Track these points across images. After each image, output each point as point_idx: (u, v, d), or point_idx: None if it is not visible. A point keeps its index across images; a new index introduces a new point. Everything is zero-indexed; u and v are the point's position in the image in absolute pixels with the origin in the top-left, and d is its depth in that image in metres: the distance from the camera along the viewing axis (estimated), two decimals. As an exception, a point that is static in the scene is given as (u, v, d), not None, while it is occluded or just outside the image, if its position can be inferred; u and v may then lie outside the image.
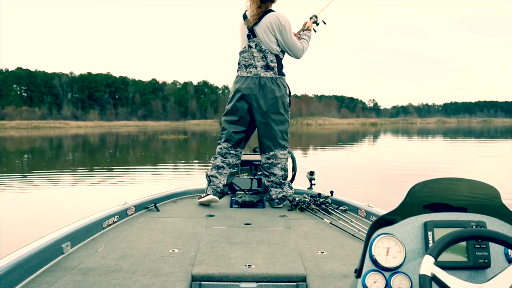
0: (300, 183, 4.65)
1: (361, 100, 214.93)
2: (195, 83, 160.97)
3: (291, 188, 4.22)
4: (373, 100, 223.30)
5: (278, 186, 4.09)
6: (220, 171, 4.11)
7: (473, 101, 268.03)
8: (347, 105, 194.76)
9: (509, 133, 45.27)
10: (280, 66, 4.06)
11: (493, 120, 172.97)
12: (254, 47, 3.99)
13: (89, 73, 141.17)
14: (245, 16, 4.06)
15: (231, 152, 4.11)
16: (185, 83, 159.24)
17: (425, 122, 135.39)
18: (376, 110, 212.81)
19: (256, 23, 3.97)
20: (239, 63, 4.07)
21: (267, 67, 3.99)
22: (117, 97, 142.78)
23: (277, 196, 4.08)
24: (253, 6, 3.97)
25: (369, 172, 12.34)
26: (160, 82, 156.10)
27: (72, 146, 27.71)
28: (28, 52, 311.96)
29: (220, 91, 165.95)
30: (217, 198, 4.05)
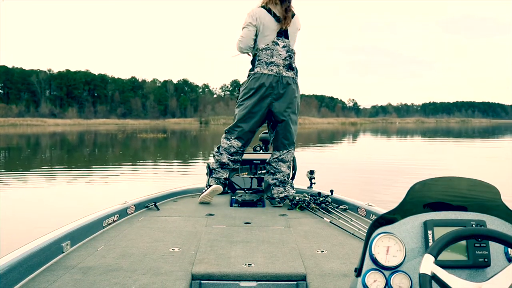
0: (300, 182, 4.65)
1: (341, 100, 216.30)
2: (175, 81, 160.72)
3: (293, 188, 4.23)
4: (353, 99, 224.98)
5: (281, 184, 4.09)
6: (224, 167, 4.10)
7: (451, 102, 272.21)
8: (327, 105, 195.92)
9: (486, 133, 45.91)
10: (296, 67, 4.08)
11: (471, 120, 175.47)
12: (281, 46, 3.94)
13: (68, 70, 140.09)
14: (269, 10, 3.94)
15: (239, 151, 4.08)
16: (165, 81, 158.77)
17: (404, 122, 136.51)
18: (355, 109, 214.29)
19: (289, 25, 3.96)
20: (259, 59, 3.94)
21: (289, 67, 3.97)
22: (96, 95, 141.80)
23: (278, 196, 4.08)
24: (281, 6, 3.93)
25: (350, 171, 12.39)
26: (140, 80, 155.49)
27: (49, 144, 27.41)
28: (5, 49, 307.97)
29: (200, 90, 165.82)
30: (220, 187, 4.02)
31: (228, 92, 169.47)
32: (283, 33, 3.95)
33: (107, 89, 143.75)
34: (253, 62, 4.01)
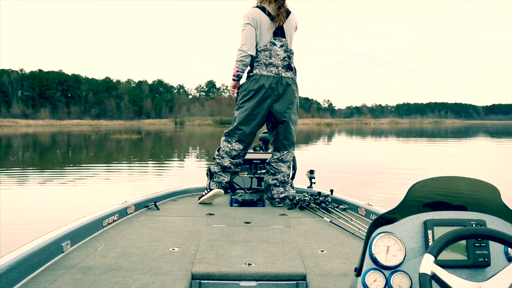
0: (300, 182, 4.65)
1: (316, 101, 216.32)
2: (150, 82, 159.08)
3: (293, 188, 4.23)
4: (328, 100, 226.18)
5: (281, 184, 4.08)
6: (226, 170, 4.07)
7: (424, 102, 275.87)
8: (302, 105, 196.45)
9: (459, 133, 46.57)
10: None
11: (444, 121, 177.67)
12: (278, 46, 3.90)
13: (40, 71, 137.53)
14: (263, 10, 3.90)
15: (241, 154, 4.05)
16: (140, 82, 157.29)
17: (379, 123, 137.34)
18: (331, 110, 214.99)
19: (283, 22, 3.92)
20: (257, 60, 3.89)
21: (288, 68, 3.95)
22: (69, 95, 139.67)
23: (278, 196, 4.08)
24: (275, 4, 3.90)
25: (326, 171, 12.44)
26: (114, 80, 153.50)
27: (21, 145, 26.97)
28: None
29: (175, 91, 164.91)
30: (222, 191, 4.03)
31: (203, 93, 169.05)
32: (279, 32, 3.91)
33: (80, 90, 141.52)
34: (250, 64, 3.97)
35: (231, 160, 4.02)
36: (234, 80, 4.04)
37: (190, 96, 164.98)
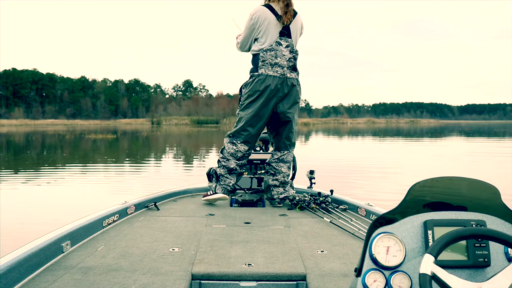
0: (300, 182, 4.65)
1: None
2: (126, 81, 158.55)
3: (293, 188, 4.21)
4: (305, 100, 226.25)
5: (281, 185, 4.07)
6: (232, 172, 4.01)
7: (400, 102, 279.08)
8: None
9: (436, 132, 47.05)
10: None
11: (420, 120, 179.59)
12: (284, 46, 3.87)
13: (14, 69, 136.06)
14: (271, 8, 3.87)
15: (246, 155, 4.00)
16: (116, 81, 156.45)
17: (356, 122, 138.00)
18: (308, 110, 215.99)
19: (290, 22, 3.89)
20: (263, 60, 3.84)
21: (293, 68, 3.93)
22: (44, 94, 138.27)
23: (278, 196, 4.07)
24: (282, 2, 3.87)
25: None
26: (90, 79, 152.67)
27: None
28: None
29: (152, 90, 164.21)
30: (227, 196, 3.99)
31: (180, 92, 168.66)
32: (285, 32, 3.88)
33: (55, 89, 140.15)
34: (255, 62, 3.93)
35: (236, 161, 3.97)
36: None
37: (167, 96, 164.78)
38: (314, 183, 4.52)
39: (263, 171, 4.66)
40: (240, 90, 4.10)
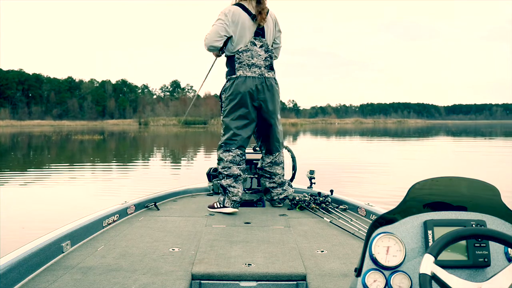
0: (300, 182, 4.65)
1: (281, 101, 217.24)
2: (113, 81, 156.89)
3: (291, 186, 4.19)
4: (293, 100, 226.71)
5: (279, 186, 4.06)
6: (237, 179, 3.86)
7: (387, 102, 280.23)
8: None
9: (423, 132, 47.31)
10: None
11: (407, 120, 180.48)
12: (258, 46, 3.81)
13: (0, 70, 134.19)
14: (244, 8, 3.76)
15: (243, 158, 3.92)
16: (103, 82, 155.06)
17: (343, 123, 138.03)
18: (296, 110, 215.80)
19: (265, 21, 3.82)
20: (240, 61, 3.76)
21: (270, 68, 3.88)
22: (30, 95, 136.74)
23: (278, 197, 4.06)
24: (255, 1, 3.79)
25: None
26: (77, 80, 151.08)
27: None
28: None
29: (140, 90, 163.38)
30: (237, 210, 3.78)
31: (168, 93, 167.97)
32: (260, 32, 3.81)
33: (42, 89, 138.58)
34: (231, 65, 3.83)
35: (238, 166, 3.86)
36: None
37: (155, 96, 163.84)
38: (314, 183, 4.52)
39: None
40: (220, 97, 3.99)
